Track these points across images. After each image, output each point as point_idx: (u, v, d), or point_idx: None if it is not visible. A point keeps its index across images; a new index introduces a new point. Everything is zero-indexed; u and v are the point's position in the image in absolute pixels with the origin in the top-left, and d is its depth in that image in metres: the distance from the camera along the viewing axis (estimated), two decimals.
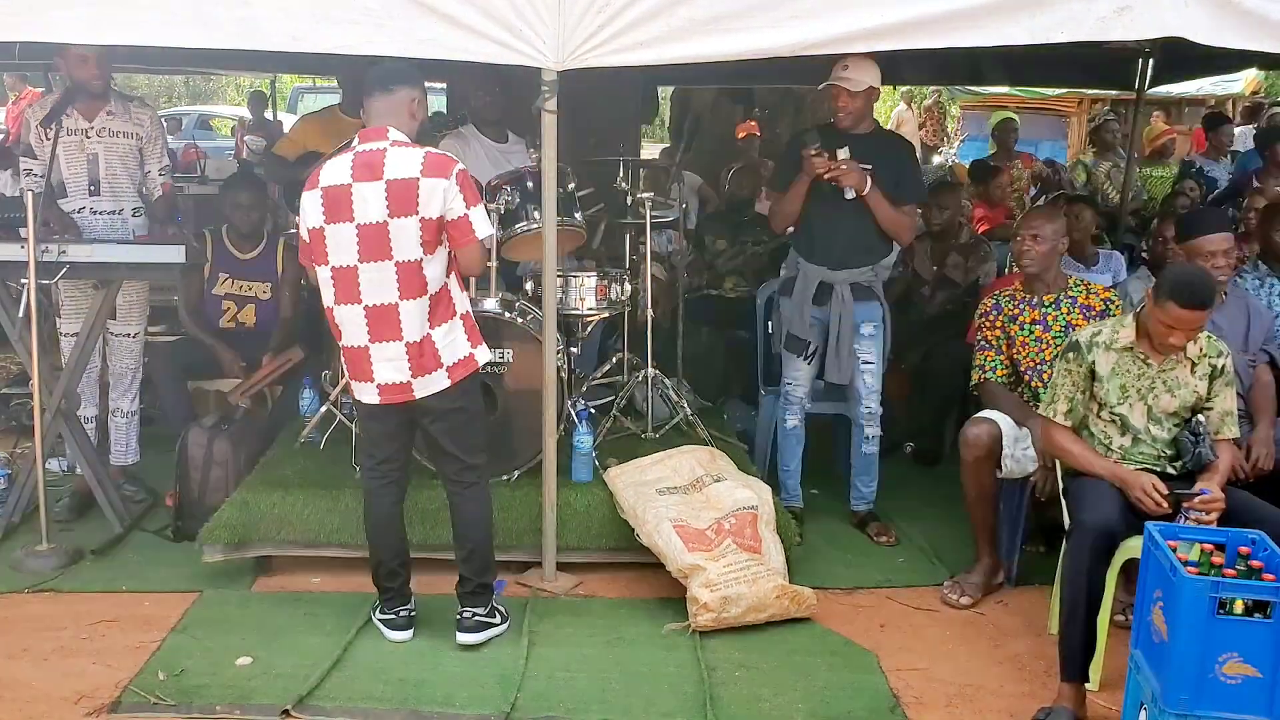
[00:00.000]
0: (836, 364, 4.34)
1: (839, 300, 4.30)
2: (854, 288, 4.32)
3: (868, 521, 4.55)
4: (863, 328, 4.34)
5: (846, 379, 4.36)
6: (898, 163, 4.36)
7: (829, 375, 4.38)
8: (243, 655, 3.43)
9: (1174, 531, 2.98)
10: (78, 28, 3.37)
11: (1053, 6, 3.39)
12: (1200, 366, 3.39)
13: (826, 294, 4.33)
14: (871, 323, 4.35)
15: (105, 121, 4.46)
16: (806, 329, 4.36)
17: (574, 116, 3.88)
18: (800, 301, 4.35)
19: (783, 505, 4.28)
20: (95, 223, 4.47)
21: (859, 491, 4.58)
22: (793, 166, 4.34)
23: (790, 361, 4.46)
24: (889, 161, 4.31)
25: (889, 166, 4.29)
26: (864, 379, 4.37)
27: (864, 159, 4.23)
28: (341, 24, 3.39)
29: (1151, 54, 6.08)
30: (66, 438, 4.26)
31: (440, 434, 3.41)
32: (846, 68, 4.16)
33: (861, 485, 4.57)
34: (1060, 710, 3.11)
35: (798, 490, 4.59)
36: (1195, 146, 10.27)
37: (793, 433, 4.52)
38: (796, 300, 4.37)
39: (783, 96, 10.43)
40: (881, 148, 4.35)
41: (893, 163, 4.32)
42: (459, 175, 3.22)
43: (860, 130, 4.29)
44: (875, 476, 4.56)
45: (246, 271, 5.00)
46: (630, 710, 3.19)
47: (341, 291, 3.27)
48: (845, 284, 4.31)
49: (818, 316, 4.36)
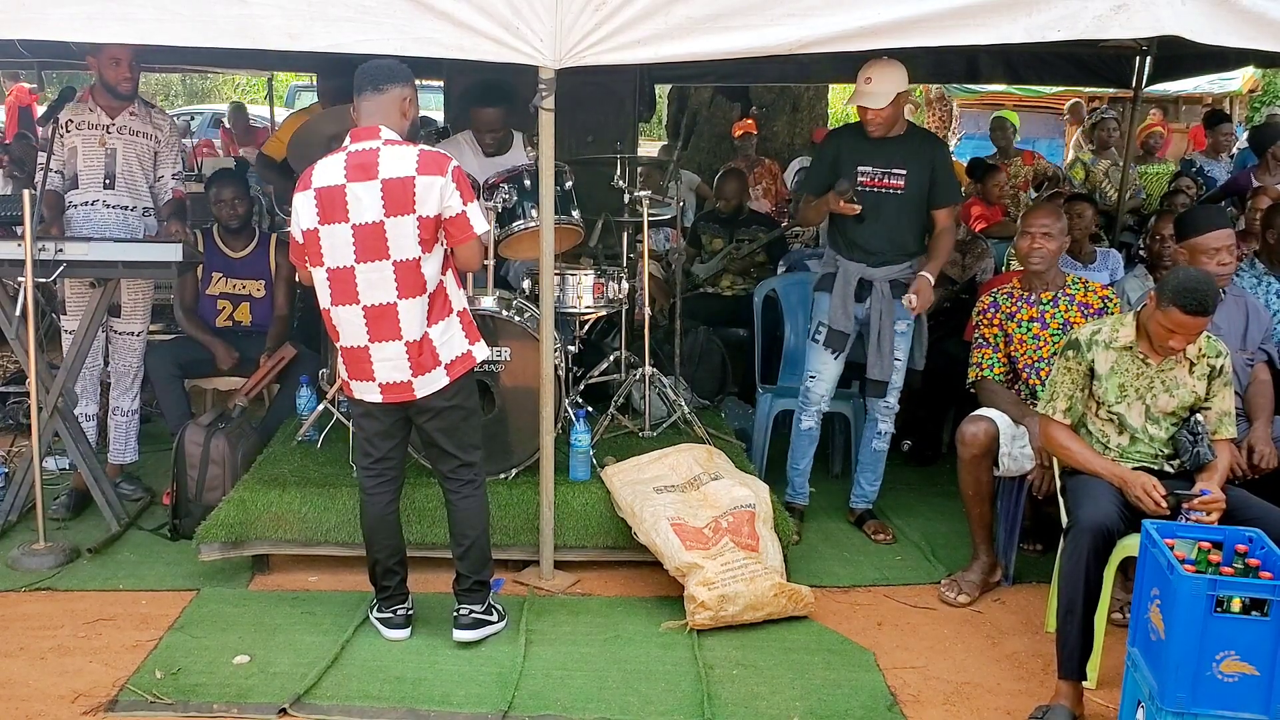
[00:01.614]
0: (879, 361, 4.30)
1: (879, 296, 4.28)
2: (892, 285, 4.29)
3: (865, 519, 4.56)
4: (897, 324, 4.31)
5: (888, 375, 4.33)
6: (933, 165, 4.27)
7: (871, 372, 4.35)
8: (240, 654, 3.42)
9: (1171, 530, 2.98)
10: (75, 25, 3.36)
11: (1050, 5, 3.39)
12: (1199, 366, 3.39)
13: (865, 290, 4.31)
14: (905, 320, 4.32)
15: (127, 120, 4.49)
16: (849, 324, 4.33)
17: (572, 114, 3.88)
18: (843, 296, 4.33)
19: (786, 501, 4.28)
20: (108, 216, 4.48)
21: (861, 489, 4.58)
22: (823, 172, 4.36)
23: (817, 357, 4.41)
24: (923, 164, 4.24)
25: (923, 169, 4.24)
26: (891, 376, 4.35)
27: (898, 163, 4.21)
28: (338, 22, 3.39)
29: (1149, 52, 6.08)
30: (64, 436, 4.25)
31: (437, 432, 3.40)
32: (869, 80, 4.11)
33: (865, 483, 4.56)
34: (1058, 708, 3.11)
35: (805, 488, 4.56)
36: (1194, 145, 10.27)
37: (806, 434, 4.49)
38: (839, 295, 4.33)
39: (779, 94, 10.45)
40: (915, 150, 4.27)
41: (927, 165, 4.25)
42: (455, 172, 3.21)
43: (898, 131, 4.25)
44: (880, 476, 4.55)
45: (239, 270, 5.00)
46: (628, 708, 3.19)
47: (338, 292, 3.26)
48: (885, 280, 4.29)
49: (856, 313, 4.34)
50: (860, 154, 4.28)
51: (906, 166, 4.23)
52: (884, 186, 4.26)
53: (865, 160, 4.27)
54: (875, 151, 4.25)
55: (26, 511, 4.32)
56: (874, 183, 4.26)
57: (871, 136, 4.23)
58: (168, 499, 4.42)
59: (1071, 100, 12.29)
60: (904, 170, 4.23)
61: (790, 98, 10.50)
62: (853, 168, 4.27)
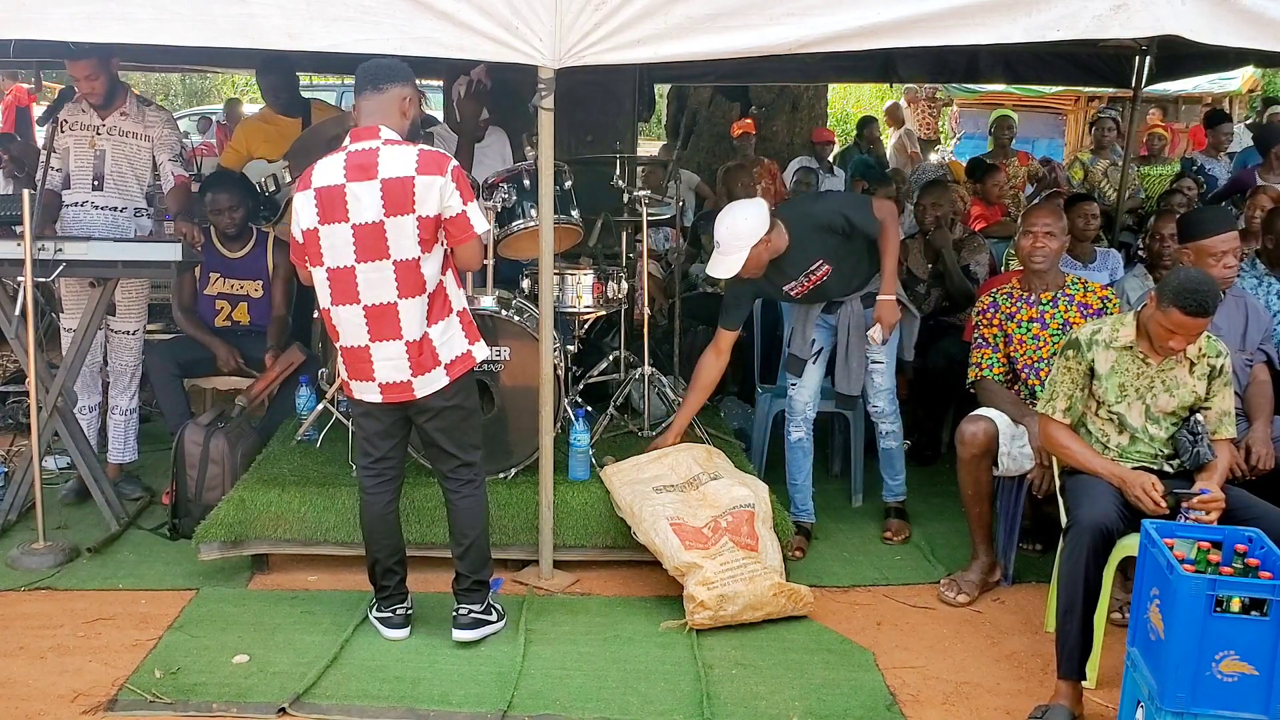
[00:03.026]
0: (847, 375, 4.29)
1: (848, 312, 4.26)
2: (863, 298, 4.26)
3: (889, 515, 4.53)
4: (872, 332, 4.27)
5: (856, 390, 4.31)
6: (836, 227, 4.09)
7: (839, 386, 4.34)
8: (239, 653, 3.42)
9: (1171, 529, 2.98)
10: (75, 25, 3.36)
11: (1049, 4, 3.39)
12: (1199, 366, 3.39)
13: (836, 305, 4.30)
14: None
15: (117, 121, 4.50)
16: (806, 348, 4.33)
17: (571, 114, 3.88)
18: (802, 323, 4.32)
19: (793, 519, 4.25)
20: (96, 218, 4.48)
21: (887, 485, 4.56)
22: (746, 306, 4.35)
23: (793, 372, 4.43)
24: (826, 240, 4.10)
25: (829, 241, 4.10)
26: (873, 379, 4.34)
27: (807, 262, 4.11)
28: (338, 21, 3.38)
29: (1148, 52, 6.08)
30: (63, 435, 4.25)
31: (437, 432, 3.40)
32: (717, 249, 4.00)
33: (888, 478, 4.54)
34: (1057, 708, 3.11)
35: (808, 505, 4.45)
36: (1194, 144, 10.28)
37: (798, 445, 4.42)
38: (798, 322, 4.33)
39: (779, 94, 10.45)
40: (814, 238, 4.10)
41: (832, 236, 4.10)
42: (454, 171, 3.21)
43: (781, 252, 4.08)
44: (899, 470, 4.52)
45: (237, 270, 4.99)
46: (627, 708, 3.19)
47: (338, 292, 3.26)
48: (855, 298, 4.27)
49: (829, 322, 4.33)
50: (772, 278, 4.17)
51: (819, 256, 4.13)
52: (813, 283, 4.19)
53: (780, 280, 4.18)
54: (783, 269, 4.15)
55: (26, 511, 4.33)
56: (803, 289, 4.21)
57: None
58: (167, 498, 4.42)
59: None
60: (820, 259, 4.13)
61: (790, 98, 10.50)
62: (780, 294, 4.24)
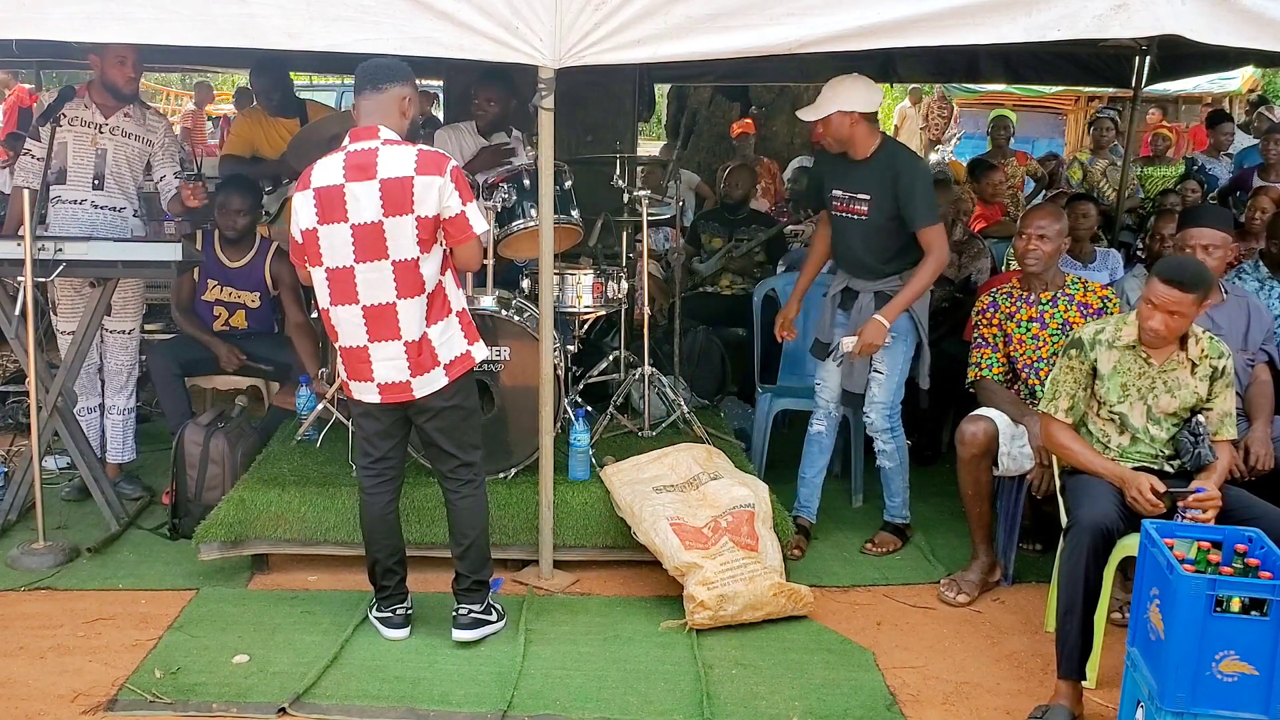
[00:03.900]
0: (850, 370, 4.24)
1: (858, 310, 4.23)
2: (878, 296, 4.17)
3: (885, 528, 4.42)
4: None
5: (860, 387, 4.26)
6: (895, 187, 4.02)
7: (843, 381, 4.31)
8: (239, 653, 3.42)
9: (1171, 529, 2.98)
10: (75, 25, 3.36)
11: (1049, 4, 3.38)
12: (1201, 367, 3.39)
13: (852, 299, 4.27)
14: (891, 334, 4.10)
15: (120, 121, 4.49)
16: (829, 332, 4.31)
17: (571, 114, 3.88)
18: (827, 305, 4.32)
19: (793, 513, 4.23)
20: (96, 217, 4.48)
21: (885, 503, 4.44)
22: (815, 189, 4.40)
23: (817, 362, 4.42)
24: (884, 188, 4.04)
25: (885, 192, 4.04)
26: (870, 387, 4.23)
27: (862, 188, 4.10)
28: (338, 21, 3.38)
29: (1148, 51, 6.08)
30: (63, 435, 4.25)
31: (436, 432, 3.40)
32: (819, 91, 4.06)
33: (886, 498, 4.41)
34: (1057, 708, 3.11)
35: (812, 502, 4.41)
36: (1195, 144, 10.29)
37: (816, 439, 4.38)
38: (826, 307, 4.33)
39: (779, 94, 10.46)
40: (878, 174, 4.06)
41: (889, 188, 4.03)
42: (453, 172, 3.21)
43: (860, 155, 4.08)
44: (897, 491, 4.37)
45: (235, 280, 4.96)
46: (627, 708, 3.19)
47: (337, 292, 3.26)
48: (870, 292, 4.19)
49: (844, 321, 4.32)
50: (835, 177, 4.19)
51: (869, 191, 4.09)
52: (849, 212, 4.15)
53: (838, 183, 4.18)
54: (846, 175, 4.15)
55: (26, 511, 4.32)
56: (842, 208, 4.18)
57: (834, 154, 4.14)
58: (167, 498, 4.42)
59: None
60: (867, 195, 4.09)
61: (790, 98, 10.49)
62: (830, 189, 4.22)
